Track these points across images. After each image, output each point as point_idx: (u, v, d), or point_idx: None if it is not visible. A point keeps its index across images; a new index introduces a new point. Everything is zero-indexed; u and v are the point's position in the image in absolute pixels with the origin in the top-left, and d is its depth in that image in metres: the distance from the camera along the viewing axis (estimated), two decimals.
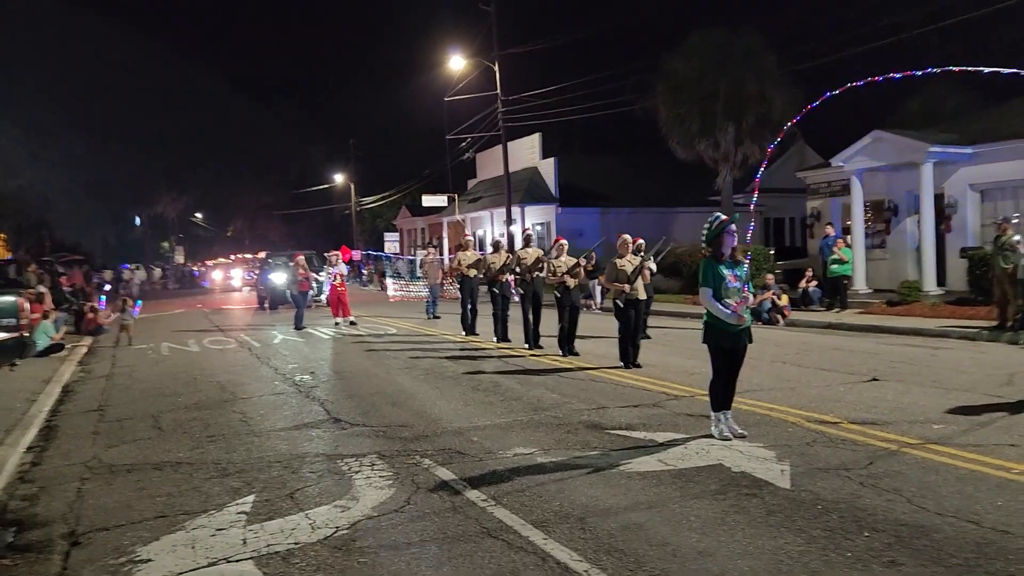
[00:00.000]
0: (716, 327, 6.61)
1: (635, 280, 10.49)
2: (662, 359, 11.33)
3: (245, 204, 79.74)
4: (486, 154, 41.23)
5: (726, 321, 6.51)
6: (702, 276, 6.65)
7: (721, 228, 6.63)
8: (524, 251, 13.04)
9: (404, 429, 7.53)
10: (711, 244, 6.70)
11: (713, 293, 6.57)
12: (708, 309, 6.62)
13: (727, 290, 6.58)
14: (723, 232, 6.62)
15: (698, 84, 24.65)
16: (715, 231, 6.65)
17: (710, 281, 6.60)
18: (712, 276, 6.59)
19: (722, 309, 6.50)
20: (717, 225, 6.66)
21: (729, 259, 6.69)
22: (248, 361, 13.16)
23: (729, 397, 6.79)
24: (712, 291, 6.57)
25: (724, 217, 6.73)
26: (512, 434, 7.09)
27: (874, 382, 9.10)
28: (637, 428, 7.07)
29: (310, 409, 8.79)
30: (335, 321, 18.72)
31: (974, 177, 19.11)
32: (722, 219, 6.70)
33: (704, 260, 6.76)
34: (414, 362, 12.00)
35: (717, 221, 6.71)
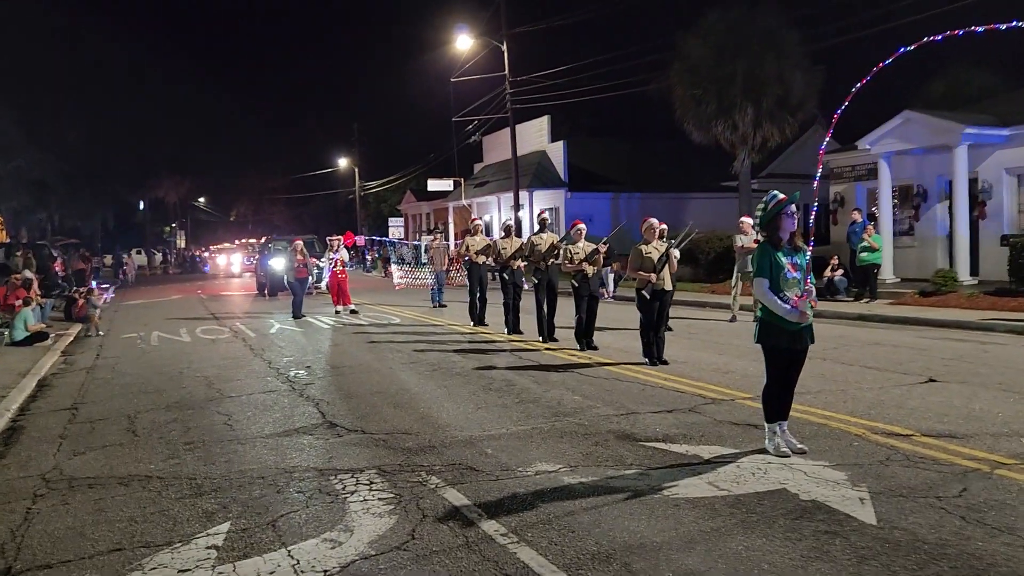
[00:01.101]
0: (773, 325, 5.66)
1: (662, 269, 9.55)
2: (689, 355, 10.39)
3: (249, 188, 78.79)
4: (493, 137, 40.18)
5: (786, 318, 5.55)
6: (757, 265, 5.70)
7: (778, 209, 5.66)
8: (538, 236, 12.09)
9: (407, 437, 6.61)
10: (766, 227, 5.73)
11: (770, 285, 5.61)
12: (764, 304, 5.66)
13: (786, 281, 5.61)
14: (780, 214, 5.65)
15: (716, 64, 23.57)
16: (771, 212, 5.69)
17: (766, 271, 5.63)
18: (769, 265, 5.63)
19: (781, 304, 5.55)
20: (774, 206, 5.70)
21: (787, 245, 5.72)
22: (240, 353, 12.26)
23: (786, 406, 5.86)
24: (768, 282, 5.61)
25: (782, 196, 5.75)
26: (532, 446, 6.17)
27: (932, 383, 8.16)
28: (676, 440, 6.14)
29: (303, 411, 7.88)
30: (335, 309, 17.83)
31: (1010, 160, 18.07)
32: (779, 198, 5.73)
33: (759, 246, 5.79)
34: (419, 356, 11.08)
35: (773, 200, 5.73)
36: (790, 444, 5.69)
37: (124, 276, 39.29)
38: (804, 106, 24.18)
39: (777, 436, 5.73)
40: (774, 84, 23.30)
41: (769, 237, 5.72)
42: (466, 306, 15.07)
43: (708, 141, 25.09)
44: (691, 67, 23.97)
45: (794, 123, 24.63)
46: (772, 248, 5.68)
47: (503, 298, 13.11)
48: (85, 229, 64.01)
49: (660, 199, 33.18)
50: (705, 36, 23.98)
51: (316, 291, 23.57)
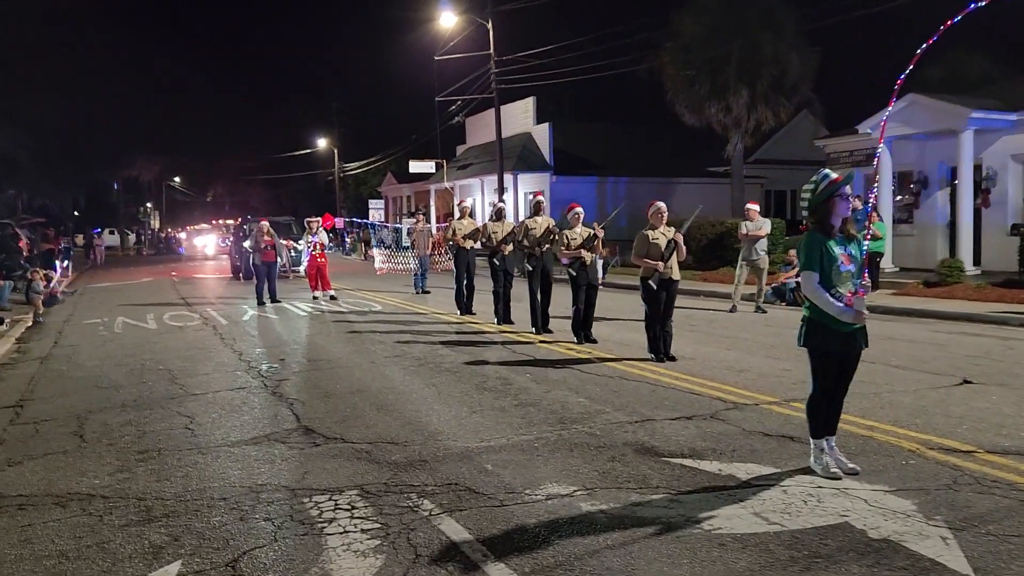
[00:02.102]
0: (823, 326, 4.85)
1: (669, 256, 8.76)
2: (696, 350, 9.63)
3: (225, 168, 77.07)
4: (476, 119, 39.15)
5: (838, 318, 4.76)
6: (805, 256, 4.87)
7: (832, 191, 4.84)
8: (533, 220, 11.25)
9: (394, 448, 5.78)
10: (817, 212, 4.90)
11: (820, 279, 4.80)
12: (812, 301, 4.84)
13: (839, 276, 4.80)
14: (834, 196, 4.83)
15: (710, 44, 22.80)
16: (823, 194, 4.87)
17: (816, 263, 4.80)
18: (819, 256, 4.81)
19: (834, 303, 4.75)
20: (826, 187, 4.87)
21: (840, 233, 4.91)
22: (210, 342, 11.34)
23: (834, 419, 5.09)
24: (819, 276, 4.80)
25: (835, 176, 4.93)
26: (539, 461, 5.36)
27: (968, 386, 7.44)
28: (704, 454, 5.35)
29: (276, 412, 7.02)
30: (313, 295, 16.91)
31: (1017, 147, 17.46)
32: (832, 178, 4.90)
33: (807, 234, 4.95)
34: (404, 348, 10.23)
35: (826, 181, 4.90)
36: (840, 464, 4.93)
37: (94, 257, 37.99)
38: (799, 89, 23.50)
39: (825, 454, 4.95)
40: (770, 65, 22.59)
41: (820, 224, 4.89)
42: (450, 293, 14.24)
43: (700, 124, 24.33)
44: (684, 46, 23.18)
45: (789, 106, 23.96)
46: (823, 236, 4.85)
47: (492, 286, 12.29)
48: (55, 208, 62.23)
49: (648, 184, 32.37)
50: (699, 14, 23.19)
51: (294, 275, 22.60)
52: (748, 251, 13.95)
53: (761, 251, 13.91)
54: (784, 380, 7.76)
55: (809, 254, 4.84)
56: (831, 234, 4.86)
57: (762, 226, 14.03)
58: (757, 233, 13.89)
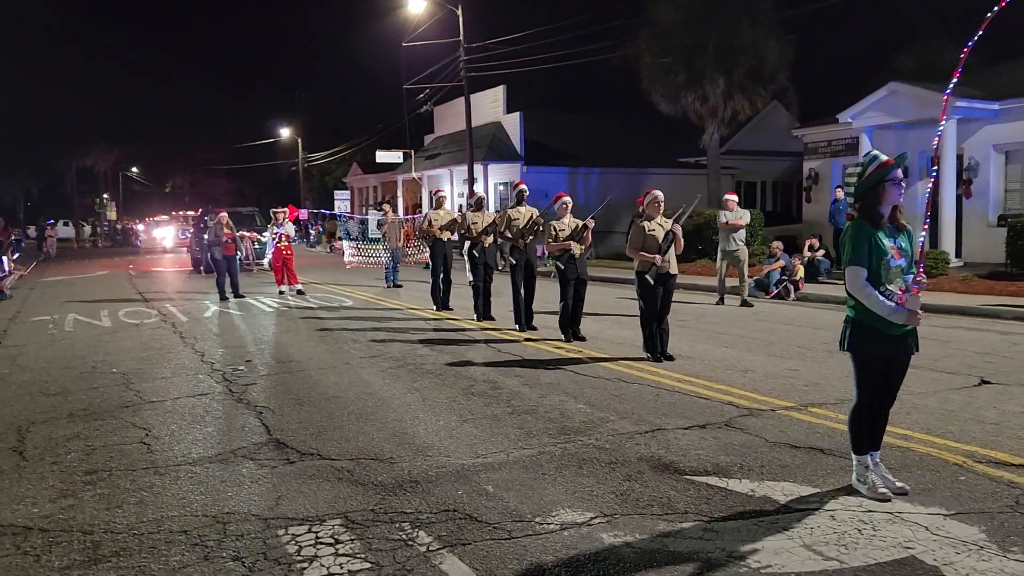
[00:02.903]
0: (871, 328, 4.27)
1: (667, 249, 8.20)
2: (692, 347, 9.09)
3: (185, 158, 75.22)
4: (445, 108, 38.36)
5: (888, 319, 4.20)
6: (851, 249, 4.25)
7: (883, 175, 4.23)
8: (516, 210, 10.61)
9: (380, 466, 5.13)
10: (864, 198, 4.30)
11: (868, 276, 4.22)
12: (859, 300, 4.26)
13: (888, 271, 4.21)
14: (885, 181, 4.23)
15: (687, 31, 22.29)
16: (872, 179, 4.26)
17: (864, 257, 4.20)
18: (867, 250, 4.22)
19: (884, 302, 4.17)
20: (876, 170, 4.26)
21: (890, 223, 4.34)
22: (169, 342, 10.55)
23: (880, 432, 4.54)
24: (866, 272, 4.22)
25: (885, 158, 4.31)
26: (545, 480, 4.75)
27: (988, 386, 7.00)
28: (731, 471, 4.79)
29: (243, 423, 6.32)
30: (279, 289, 16.12)
31: (999, 136, 17.26)
32: (882, 160, 4.28)
33: (853, 224, 4.33)
34: (380, 348, 9.55)
35: (875, 163, 4.28)
36: (887, 482, 4.39)
37: (46, 250, 36.57)
38: (776, 78, 23.11)
39: (871, 472, 4.41)
40: (747, 53, 22.15)
41: (867, 212, 4.29)
42: (423, 287, 13.60)
43: (676, 113, 23.84)
44: (660, 33, 22.65)
45: (766, 95, 23.58)
46: (871, 227, 4.26)
47: (470, 279, 11.64)
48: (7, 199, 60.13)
49: (620, 174, 31.90)
50: (677, 0, 22.66)
51: (258, 268, 21.74)
52: (726, 242, 13.57)
53: (740, 242, 13.56)
54: (794, 382, 7.25)
55: (856, 247, 4.24)
56: (879, 224, 4.28)
57: (741, 216, 13.66)
58: (737, 223, 13.51)
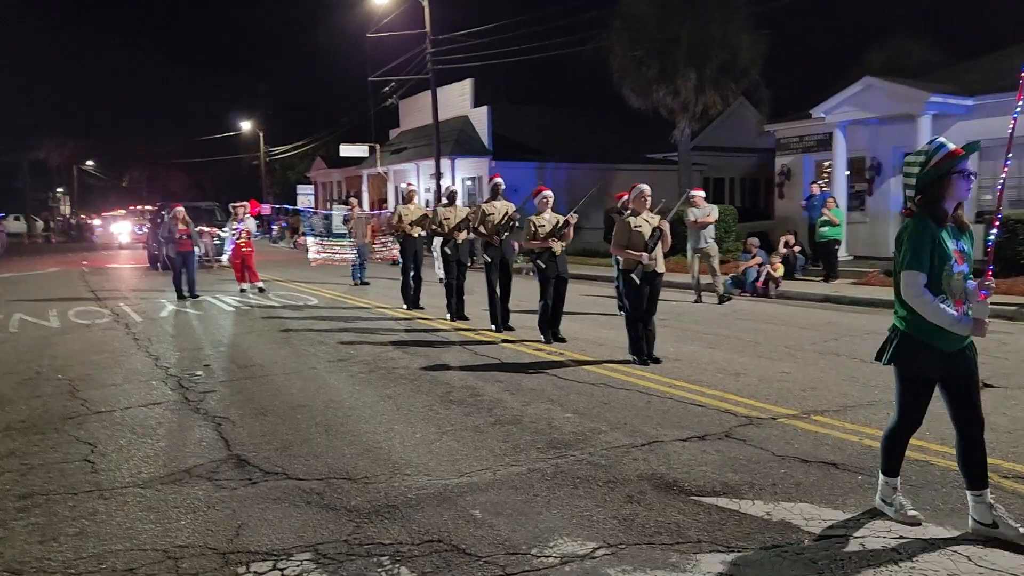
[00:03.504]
0: (921, 343, 3.69)
1: (654, 247, 7.78)
2: (678, 349, 8.70)
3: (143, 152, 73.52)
4: (411, 101, 37.70)
5: (951, 330, 3.60)
6: (911, 251, 3.61)
7: (950, 167, 3.61)
8: (491, 204, 10.12)
9: (353, 487, 4.63)
10: (926, 192, 3.67)
11: (928, 282, 3.61)
12: (916, 309, 3.65)
13: (950, 277, 3.62)
14: (952, 174, 3.61)
15: (660, 24, 21.94)
16: (937, 170, 3.62)
17: (925, 261, 3.58)
18: (930, 251, 3.59)
19: (947, 311, 3.60)
20: (943, 160, 3.62)
21: (952, 222, 3.68)
22: (121, 344, 9.89)
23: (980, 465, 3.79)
24: (926, 278, 3.60)
25: (953, 147, 3.65)
26: (538, 503, 4.29)
27: (989, 390, 6.68)
28: (741, 491, 4.36)
29: (200, 437, 5.77)
30: (240, 288, 15.46)
31: (973, 132, 17.05)
32: (950, 150, 3.64)
33: (914, 222, 3.68)
34: (349, 351, 9.00)
35: (942, 152, 3.64)
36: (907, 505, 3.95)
37: None
38: (748, 73, 22.86)
39: (898, 493, 3.99)
40: (719, 48, 21.87)
41: (929, 208, 3.64)
42: (391, 284, 13.10)
43: (647, 107, 23.51)
44: (633, 26, 22.27)
45: (738, 91, 23.36)
46: (935, 226, 3.63)
47: (440, 276, 11.14)
48: None
49: (589, 170, 31.54)
50: None
51: (217, 265, 20.98)
52: (696, 239, 13.27)
53: (709, 239, 13.27)
54: (790, 386, 6.88)
55: (917, 249, 3.59)
56: (943, 222, 3.65)
57: (710, 212, 13.37)
58: (706, 220, 13.21)
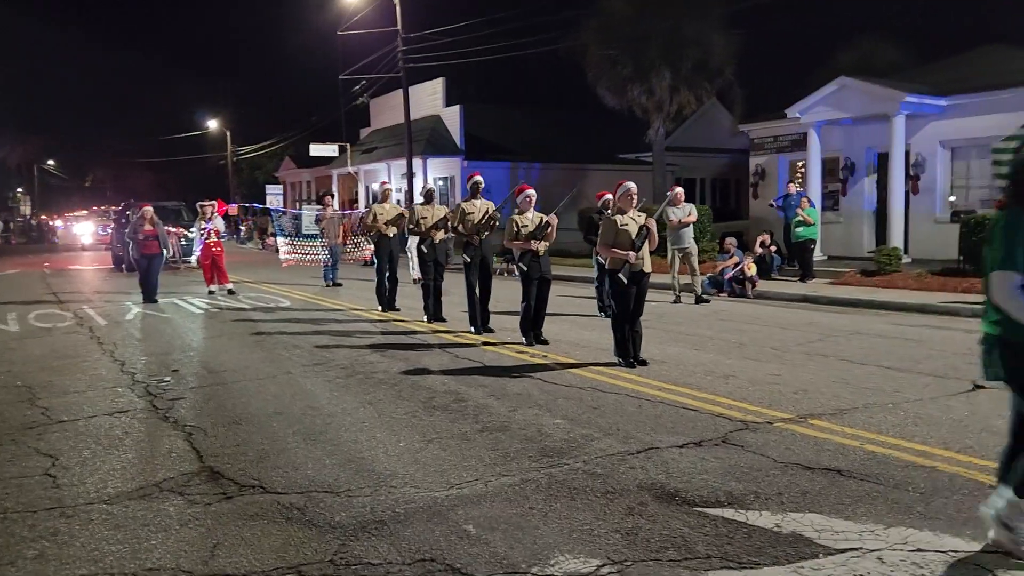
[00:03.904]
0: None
1: (641, 246, 7.59)
2: (663, 350, 8.52)
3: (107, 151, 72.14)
4: (382, 100, 37.27)
5: None
6: (1003, 249, 3.32)
7: None
8: (470, 203, 9.87)
9: (336, 500, 4.36)
10: (1019, 181, 3.40)
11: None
12: (1010, 314, 3.30)
13: None
14: None
15: (635, 22, 21.86)
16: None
17: (1019, 259, 3.28)
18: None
19: None
20: None
21: None
22: (84, 349, 9.49)
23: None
24: (1021, 278, 3.28)
25: None
26: (535, 516, 4.05)
27: (983, 392, 6.58)
28: (747, 501, 4.16)
29: (169, 447, 5.45)
30: (209, 289, 15.04)
31: (946, 133, 17.25)
32: None
33: (1008, 215, 3.38)
34: (325, 354, 8.69)
35: None
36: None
37: None
38: (722, 72, 22.85)
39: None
40: (694, 47, 21.83)
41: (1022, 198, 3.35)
42: (364, 285, 12.81)
43: (622, 107, 23.43)
44: (608, 24, 22.17)
45: (711, 90, 23.36)
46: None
47: (415, 277, 10.88)
48: None
49: (561, 170, 31.44)
50: None
51: (185, 267, 20.48)
52: (676, 238, 13.14)
53: (690, 238, 13.16)
54: (782, 388, 6.72)
55: (1011, 245, 3.29)
56: None
57: (691, 211, 13.24)
58: (687, 219, 13.08)
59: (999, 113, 16.09)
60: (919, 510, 3.97)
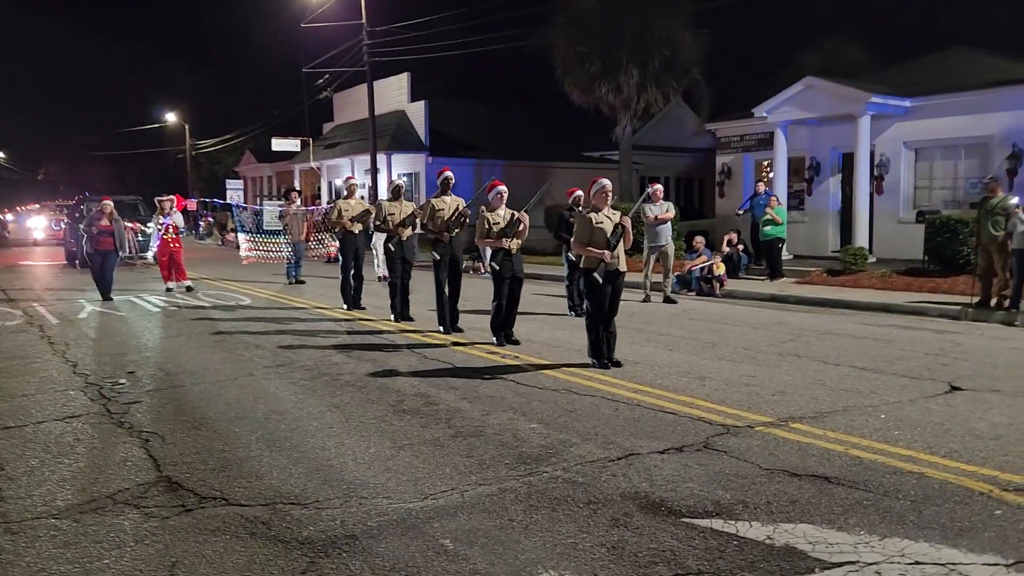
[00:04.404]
0: None
1: (616, 244, 7.43)
2: (636, 351, 8.37)
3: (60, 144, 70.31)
4: (346, 94, 36.74)
5: None
6: None
7: None
8: (440, 200, 9.62)
9: (303, 513, 4.11)
10: None
11: None
12: None
13: None
14: None
15: (604, 19, 21.75)
16: None
17: None
18: None
19: None
20: None
21: None
22: (34, 349, 9.07)
23: None
24: None
25: None
26: (515, 528, 3.85)
27: (961, 393, 6.53)
28: (735, 511, 4.01)
29: (124, 455, 5.15)
30: (167, 287, 14.58)
31: (910, 133, 17.39)
32: None
33: None
34: (289, 355, 8.39)
35: None
36: None
37: None
38: (690, 71, 22.87)
39: None
40: (662, 45, 21.79)
41: None
42: (327, 283, 12.51)
43: (589, 104, 23.33)
44: (576, 21, 22.04)
45: (678, 88, 23.36)
46: None
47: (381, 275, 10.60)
48: None
49: (527, 167, 31.21)
50: None
51: (142, 263, 19.91)
52: (654, 236, 13.01)
53: (667, 236, 13.04)
54: (758, 390, 6.60)
55: None
56: None
57: (668, 208, 13.13)
58: (665, 217, 12.96)
59: (962, 115, 16.31)
60: (912, 519, 3.85)
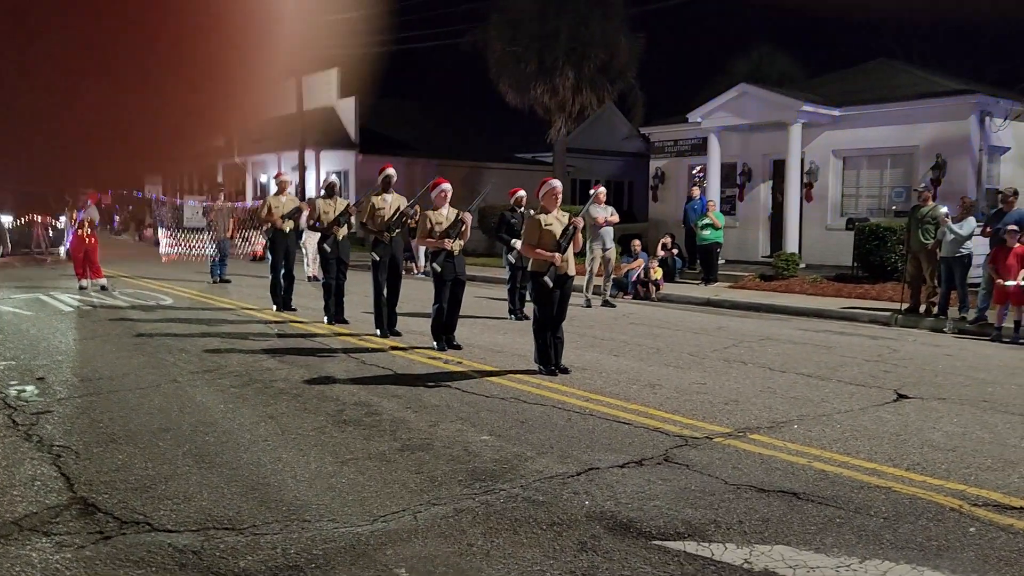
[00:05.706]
0: None
1: (567, 247, 7.19)
2: (581, 357, 8.16)
3: None
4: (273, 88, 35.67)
5: None
6: None
7: None
8: (380, 198, 9.23)
9: (239, 540, 3.71)
10: None
11: None
12: None
13: None
14: None
15: (539, 19, 21.62)
16: None
17: None
18: None
19: None
20: None
21: None
22: None
23: None
24: None
25: None
26: (476, 554, 3.54)
27: (908, 401, 6.53)
28: (707, 532, 3.79)
29: (32, 473, 4.63)
30: (80, 284, 13.72)
31: (838, 142, 17.76)
32: None
33: None
34: (216, 360, 7.88)
35: None
36: None
37: None
38: (625, 74, 22.94)
39: None
40: (598, 47, 21.79)
41: None
42: (254, 282, 11.99)
43: (524, 105, 23.18)
44: (512, 20, 21.84)
45: (613, 92, 23.39)
46: None
47: (311, 275, 10.15)
48: None
49: (458, 167, 30.80)
50: None
51: (52, 258, 18.81)
52: (599, 238, 12.87)
53: (611, 239, 12.93)
54: (710, 399, 6.46)
55: None
56: None
57: (612, 212, 13.03)
58: (612, 219, 12.85)
59: (888, 125, 16.75)
60: (888, 538, 3.70)
